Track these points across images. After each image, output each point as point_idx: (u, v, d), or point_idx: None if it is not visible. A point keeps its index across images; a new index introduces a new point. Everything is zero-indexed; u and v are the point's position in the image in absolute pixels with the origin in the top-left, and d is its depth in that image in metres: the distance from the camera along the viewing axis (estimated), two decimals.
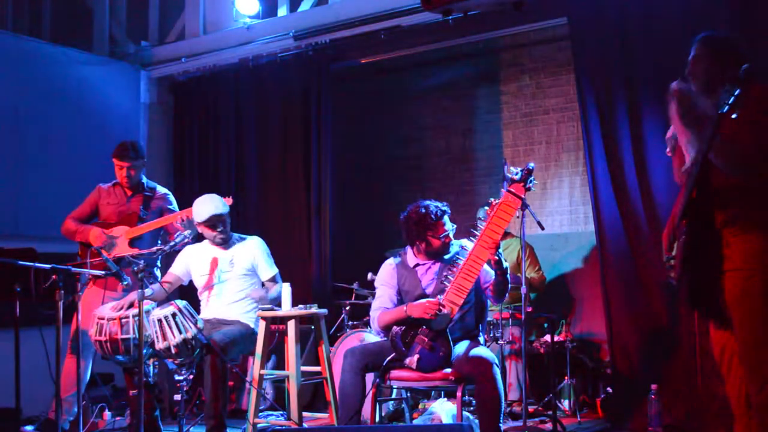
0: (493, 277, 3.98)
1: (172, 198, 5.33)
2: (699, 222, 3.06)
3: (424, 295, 4.05)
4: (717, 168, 3.00)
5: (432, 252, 4.15)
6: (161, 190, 5.31)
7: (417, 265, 4.18)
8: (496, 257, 3.80)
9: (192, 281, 4.95)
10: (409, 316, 3.92)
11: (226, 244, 4.84)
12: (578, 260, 6.44)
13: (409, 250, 4.23)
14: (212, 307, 4.82)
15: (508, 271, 3.97)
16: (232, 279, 4.81)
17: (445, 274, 3.94)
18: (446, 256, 4.14)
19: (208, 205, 4.74)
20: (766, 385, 2.94)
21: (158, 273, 5.16)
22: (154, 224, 5.03)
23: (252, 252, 4.86)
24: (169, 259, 5.06)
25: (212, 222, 4.73)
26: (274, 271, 4.90)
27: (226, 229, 4.82)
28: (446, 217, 4.13)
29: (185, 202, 7.08)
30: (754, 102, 2.98)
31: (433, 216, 4.08)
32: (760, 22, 4.55)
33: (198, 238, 4.88)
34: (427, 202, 4.15)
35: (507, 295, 4.10)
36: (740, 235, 3.00)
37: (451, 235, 4.14)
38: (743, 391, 3.10)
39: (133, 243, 4.97)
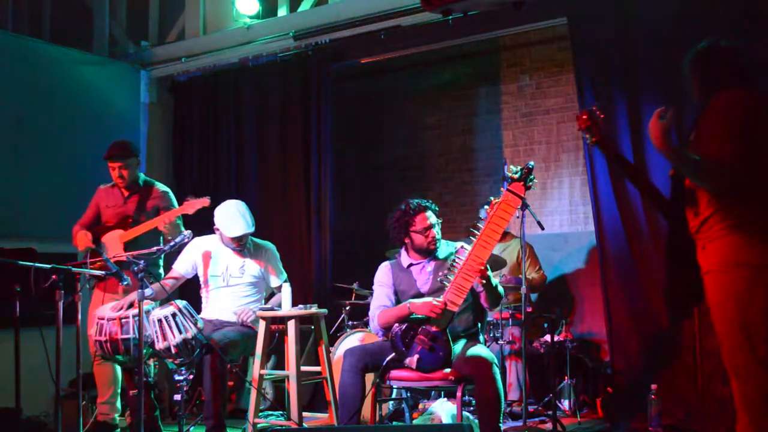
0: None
1: (171, 196, 5.24)
2: (678, 225, 3.10)
3: (420, 295, 4.05)
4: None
5: (419, 249, 4.14)
6: (161, 188, 5.22)
7: (411, 265, 4.18)
8: (484, 281, 3.80)
9: (196, 276, 4.94)
10: (412, 314, 3.92)
11: (241, 251, 4.85)
12: (578, 260, 6.44)
13: (403, 251, 4.24)
14: (215, 308, 4.82)
15: (499, 287, 3.98)
16: (240, 285, 4.82)
17: (443, 273, 3.93)
18: (440, 255, 4.14)
19: (241, 223, 4.72)
20: (746, 386, 2.94)
21: (162, 271, 5.14)
22: (144, 227, 4.93)
23: (263, 261, 4.88)
24: (168, 259, 5.05)
25: (240, 239, 4.75)
26: (283, 278, 4.92)
27: (247, 242, 4.85)
28: (429, 212, 4.11)
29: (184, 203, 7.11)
30: (714, 111, 3.00)
31: (411, 211, 4.08)
32: (760, 21, 4.55)
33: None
34: (409, 199, 4.15)
35: (500, 303, 4.10)
36: (714, 239, 3.01)
37: (436, 230, 4.12)
38: None
39: (129, 246, 4.87)
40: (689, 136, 3.13)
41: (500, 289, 3.99)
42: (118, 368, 4.96)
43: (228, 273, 4.81)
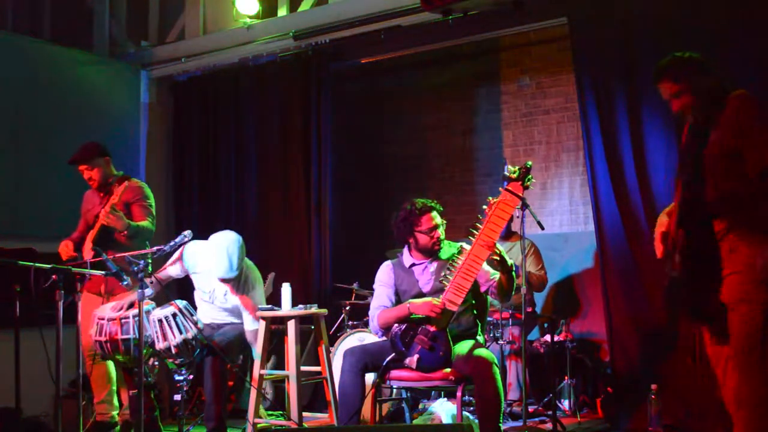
0: (495, 277, 3.97)
1: (142, 189, 5.02)
2: (698, 231, 3.09)
3: (421, 294, 4.04)
4: (711, 179, 3.04)
5: (423, 249, 4.13)
6: (133, 183, 4.99)
7: (413, 264, 4.17)
8: (497, 257, 3.79)
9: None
10: (412, 314, 3.92)
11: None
12: (578, 260, 6.43)
13: (405, 250, 4.23)
14: (207, 315, 4.79)
15: (514, 267, 3.96)
16: (225, 308, 4.74)
17: (443, 273, 3.93)
18: (443, 256, 4.13)
19: (224, 266, 4.46)
20: (750, 385, 2.96)
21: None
22: (98, 224, 4.81)
23: (241, 301, 4.66)
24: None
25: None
26: (252, 327, 4.66)
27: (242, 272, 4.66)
28: (434, 213, 4.10)
29: (185, 204, 7.12)
30: (742, 112, 3.03)
31: (417, 211, 4.07)
32: (760, 20, 4.55)
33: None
34: (415, 200, 4.14)
35: (513, 294, 4.06)
36: (745, 241, 3.03)
37: (440, 231, 4.11)
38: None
39: (100, 244, 4.71)
40: (707, 137, 3.13)
41: (514, 272, 3.95)
42: (112, 366, 4.93)
43: (214, 295, 4.71)
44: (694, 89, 3.22)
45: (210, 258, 4.51)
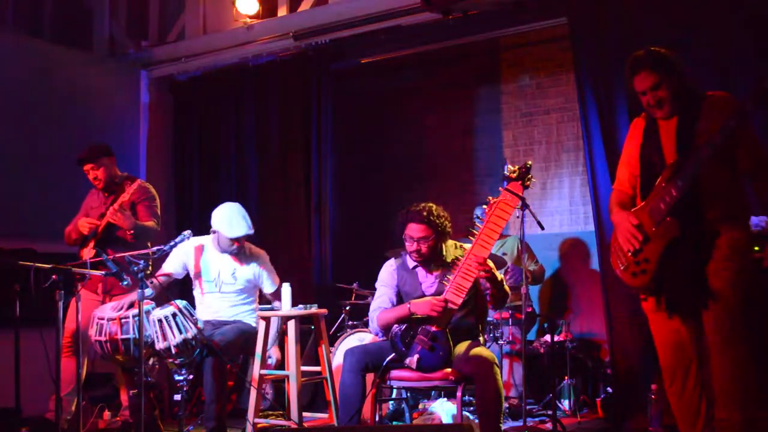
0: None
1: (150, 192, 5.09)
2: (687, 221, 3.11)
3: (424, 296, 4.03)
4: (707, 171, 3.07)
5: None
6: (141, 183, 5.04)
7: (417, 266, 4.16)
8: (487, 273, 3.79)
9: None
10: (412, 314, 3.91)
11: (237, 254, 4.80)
12: (578, 260, 6.44)
13: None
14: (210, 310, 4.79)
15: (504, 282, 3.95)
16: (233, 293, 4.79)
17: (446, 276, 3.91)
18: (449, 258, 4.08)
19: (242, 224, 4.69)
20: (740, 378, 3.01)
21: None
22: (102, 223, 4.85)
23: (255, 269, 4.83)
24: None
25: (239, 240, 4.72)
26: (275, 286, 4.88)
27: (245, 245, 4.82)
28: (421, 226, 3.93)
29: (185, 204, 7.12)
30: (734, 111, 3.05)
31: (406, 216, 3.99)
32: (760, 21, 4.55)
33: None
34: (416, 205, 4.03)
35: (506, 303, 4.08)
36: (729, 230, 3.08)
37: (422, 246, 3.97)
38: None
39: (102, 242, 4.79)
40: (694, 132, 3.14)
41: (505, 285, 3.97)
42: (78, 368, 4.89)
43: (220, 279, 4.76)
44: (674, 83, 3.20)
45: (223, 222, 4.68)
